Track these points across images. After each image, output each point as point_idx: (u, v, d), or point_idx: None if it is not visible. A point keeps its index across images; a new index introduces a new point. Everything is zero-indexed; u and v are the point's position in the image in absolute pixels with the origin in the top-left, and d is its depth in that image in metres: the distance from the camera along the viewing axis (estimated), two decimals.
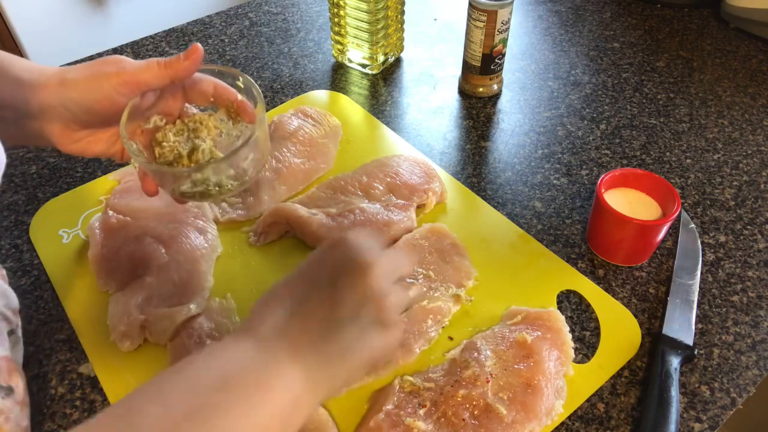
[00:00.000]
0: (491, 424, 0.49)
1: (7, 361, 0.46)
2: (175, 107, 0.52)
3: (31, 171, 0.75)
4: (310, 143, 0.76)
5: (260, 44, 0.97)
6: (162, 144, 0.50)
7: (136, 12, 1.72)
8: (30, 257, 0.64)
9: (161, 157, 0.50)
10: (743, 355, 0.56)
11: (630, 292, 0.61)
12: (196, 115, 0.52)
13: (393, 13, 0.86)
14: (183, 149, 0.50)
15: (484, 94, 0.86)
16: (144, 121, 0.51)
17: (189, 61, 0.48)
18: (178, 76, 0.49)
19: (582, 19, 1.04)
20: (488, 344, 0.54)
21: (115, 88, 0.48)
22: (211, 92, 0.52)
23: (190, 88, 0.52)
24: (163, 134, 0.51)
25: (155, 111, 0.51)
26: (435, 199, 0.69)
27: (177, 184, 0.48)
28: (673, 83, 0.89)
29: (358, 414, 0.51)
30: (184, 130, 0.51)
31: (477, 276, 0.62)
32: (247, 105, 0.52)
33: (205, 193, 0.48)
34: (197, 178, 0.47)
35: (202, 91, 0.52)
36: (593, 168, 0.75)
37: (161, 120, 0.51)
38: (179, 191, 0.49)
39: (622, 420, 0.52)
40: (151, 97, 0.50)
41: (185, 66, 0.48)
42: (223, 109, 0.53)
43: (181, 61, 0.48)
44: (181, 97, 0.52)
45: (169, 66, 0.48)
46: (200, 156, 0.50)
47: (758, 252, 0.65)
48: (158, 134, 0.51)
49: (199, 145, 0.50)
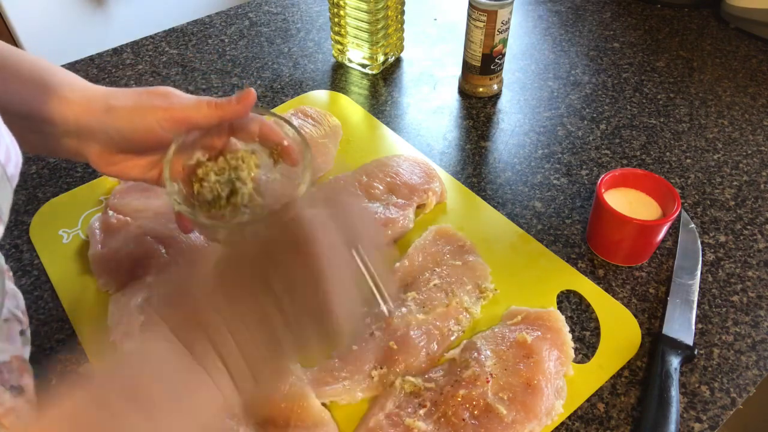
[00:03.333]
0: (491, 424, 0.49)
1: (19, 361, 0.46)
2: (219, 143, 0.50)
3: (31, 171, 0.75)
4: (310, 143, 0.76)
5: (260, 44, 0.97)
6: (202, 183, 0.48)
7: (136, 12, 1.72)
8: (30, 257, 0.64)
9: (200, 195, 0.48)
10: (743, 355, 0.56)
11: (630, 292, 0.61)
12: (239, 152, 0.50)
13: (393, 13, 0.86)
14: (223, 191, 0.48)
15: (484, 94, 0.86)
16: (186, 157, 0.49)
17: (241, 106, 0.47)
18: (227, 118, 0.47)
19: (582, 19, 1.04)
20: (488, 344, 0.54)
21: (160, 123, 0.47)
22: (257, 132, 0.50)
23: (237, 126, 0.50)
24: (205, 171, 0.49)
25: (198, 146, 0.50)
26: (435, 199, 0.69)
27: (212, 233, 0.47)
28: (673, 83, 0.89)
29: (358, 414, 0.51)
30: (226, 169, 0.49)
31: (492, 272, 0.62)
32: (293, 148, 0.50)
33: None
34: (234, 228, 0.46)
35: (248, 131, 0.50)
36: (593, 168, 0.75)
37: (203, 156, 0.49)
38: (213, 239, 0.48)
39: (622, 420, 0.52)
40: (196, 133, 0.49)
41: (236, 110, 0.47)
42: (267, 150, 0.51)
43: (233, 105, 0.47)
44: (227, 134, 0.51)
45: (220, 108, 0.47)
46: (239, 200, 0.48)
47: (758, 252, 0.65)
48: (199, 170, 0.49)
49: (239, 188, 0.48)
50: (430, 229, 0.65)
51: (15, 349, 0.47)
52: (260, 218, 0.48)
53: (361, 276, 0.38)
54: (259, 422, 0.49)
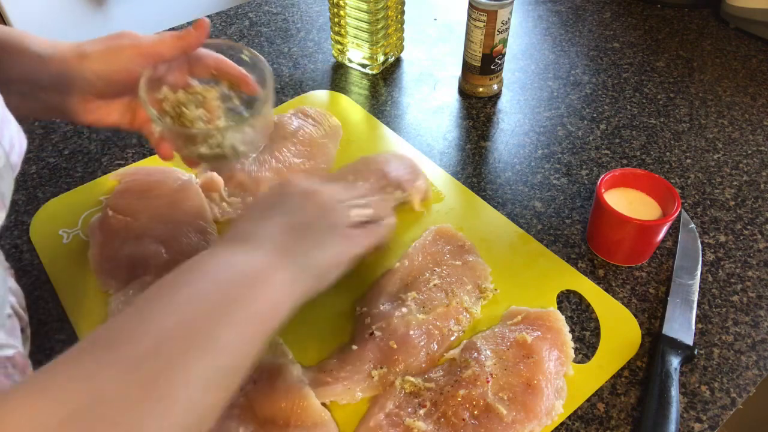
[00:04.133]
0: (491, 424, 0.49)
1: (21, 357, 0.46)
2: (180, 80, 0.56)
3: (31, 171, 0.75)
4: (310, 143, 0.76)
5: (260, 44, 0.97)
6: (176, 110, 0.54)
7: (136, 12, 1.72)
8: (30, 257, 0.64)
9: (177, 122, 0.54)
10: (743, 355, 0.56)
11: (630, 292, 0.61)
12: (197, 87, 0.56)
13: (393, 13, 0.86)
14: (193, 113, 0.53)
15: (484, 94, 0.86)
16: (156, 92, 0.54)
17: (198, 32, 0.52)
18: (189, 46, 0.53)
19: (582, 19, 1.04)
20: (488, 344, 0.54)
21: (132, 59, 0.51)
22: (213, 65, 0.56)
23: (194, 62, 0.56)
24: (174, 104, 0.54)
25: (164, 83, 0.55)
26: (420, 196, 0.68)
27: (195, 147, 0.52)
28: (673, 83, 0.89)
29: (358, 414, 0.51)
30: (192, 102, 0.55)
31: (492, 272, 0.62)
32: (247, 77, 0.56)
33: (220, 156, 0.52)
34: (213, 140, 0.51)
35: (204, 64, 0.56)
36: (593, 168, 0.75)
37: (170, 91, 0.55)
38: (197, 153, 0.52)
39: (622, 420, 0.52)
40: (162, 69, 0.54)
41: (195, 36, 0.52)
42: (225, 82, 0.57)
43: (192, 34, 0.52)
44: (186, 70, 0.56)
45: (182, 38, 0.52)
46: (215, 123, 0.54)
47: (758, 252, 0.65)
48: (165, 104, 0.54)
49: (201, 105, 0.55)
50: (430, 229, 0.65)
51: (18, 345, 0.47)
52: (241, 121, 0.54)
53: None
54: (259, 422, 0.49)
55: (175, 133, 0.53)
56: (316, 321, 0.58)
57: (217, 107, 0.55)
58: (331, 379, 0.52)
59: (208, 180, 0.69)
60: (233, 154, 0.53)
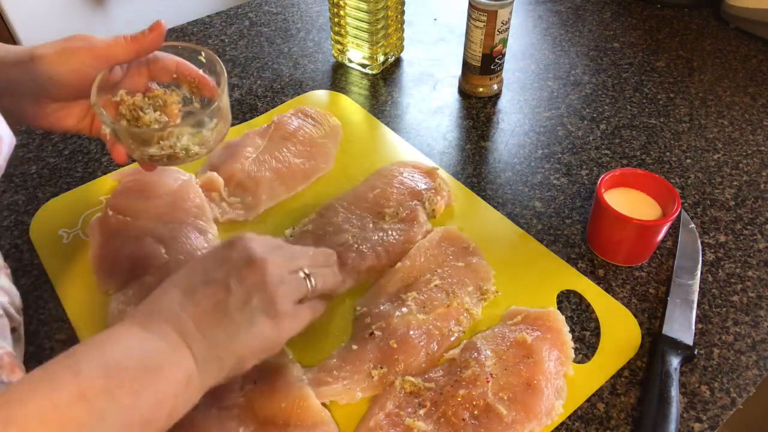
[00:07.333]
0: (491, 424, 0.49)
1: (9, 356, 0.46)
2: (140, 83, 0.55)
3: (31, 171, 0.75)
4: (310, 143, 0.76)
5: (260, 44, 0.97)
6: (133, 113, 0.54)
7: (136, 12, 1.72)
8: (30, 257, 0.64)
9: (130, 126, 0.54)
10: (743, 355, 0.56)
11: (630, 292, 0.61)
12: (157, 91, 0.56)
13: (393, 13, 0.86)
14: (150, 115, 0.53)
15: (484, 94, 0.86)
16: (112, 95, 0.54)
17: (153, 35, 0.52)
18: (143, 49, 0.52)
19: (582, 19, 1.04)
20: (488, 344, 0.54)
21: (85, 61, 0.50)
22: (174, 69, 0.56)
23: (154, 65, 0.55)
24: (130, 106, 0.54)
25: (122, 87, 0.54)
26: (444, 203, 0.68)
27: (146, 147, 0.51)
28: (673, 83, 0.89)
29: (358, 414, 0.51)
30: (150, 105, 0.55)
31: (495, 274, 0.62)
32: (208, 80, 0.56)
33: (172, 156, 0.52)
34: (166, 142, 0.51)
35: (165, 67, 0.55)
36: (593, 168, 0.75)
37: (127, 95, 0.54)
38: (148, 155, 0.52)
39: (622, 420, 0.52)
40: (119, 72, 0.54)
41: (150, 39, 0.52)
42: (185, 85, 0.57)
43: (146, 36, 0.51)
44: (146, 73, 0.56)
45: (135, 40, 0.51)
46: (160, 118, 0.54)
47: (758, 252, 0.65)
48: (121, 107, 0.54)
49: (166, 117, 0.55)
50: (437, 230, 0.65)
51: (6, 345, 0.47)
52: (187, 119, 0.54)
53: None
54: (259, 422, 0.49)
55: (123, 133, 0.52)
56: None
57: (177, 111, 0.55)
58: (331, 379, 0.52)
59: (208, 180, 0.69)
60: (185, 155, 0.52)
